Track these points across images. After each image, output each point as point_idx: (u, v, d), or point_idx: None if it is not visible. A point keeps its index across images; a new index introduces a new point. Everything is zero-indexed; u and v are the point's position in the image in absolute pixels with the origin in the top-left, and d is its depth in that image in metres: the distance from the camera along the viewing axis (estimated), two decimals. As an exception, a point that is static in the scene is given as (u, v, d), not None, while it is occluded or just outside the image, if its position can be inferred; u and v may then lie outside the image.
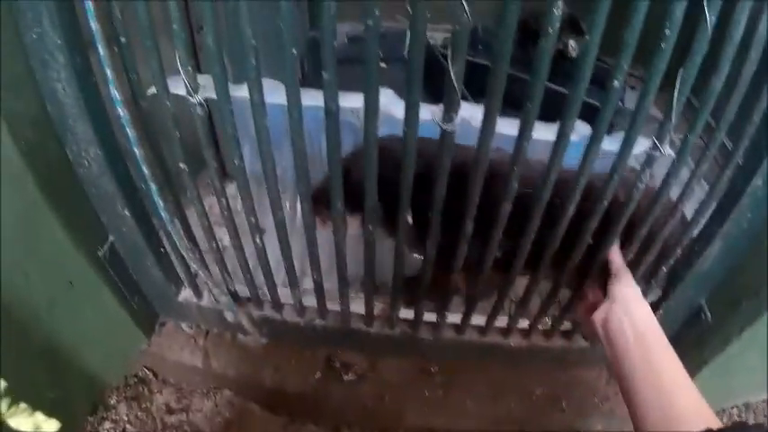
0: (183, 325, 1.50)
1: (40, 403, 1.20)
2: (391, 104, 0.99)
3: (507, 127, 0.90)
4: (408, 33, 0.75)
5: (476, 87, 0.83)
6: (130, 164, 1.04)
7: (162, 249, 1.25)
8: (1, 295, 1.07)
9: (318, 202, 1.03)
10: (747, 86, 0.79)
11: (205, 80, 0.86)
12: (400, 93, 0.78)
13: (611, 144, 0.92)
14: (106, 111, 1.00)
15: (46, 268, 1.15)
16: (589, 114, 0.86)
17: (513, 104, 0.82)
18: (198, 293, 1.38)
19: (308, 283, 1.28)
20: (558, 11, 0.69)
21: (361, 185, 0.95)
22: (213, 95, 0.86)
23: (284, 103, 0.84)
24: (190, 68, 0.83)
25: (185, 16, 0.80)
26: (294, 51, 0.78)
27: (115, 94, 0.88)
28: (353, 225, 1.08)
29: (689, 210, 1.04)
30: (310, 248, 1.10)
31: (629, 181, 0.94)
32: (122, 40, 0.85)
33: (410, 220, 1.03)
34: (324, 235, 1.10)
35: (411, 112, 0.82)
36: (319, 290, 1.25)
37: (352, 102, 0.96)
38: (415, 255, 1.17)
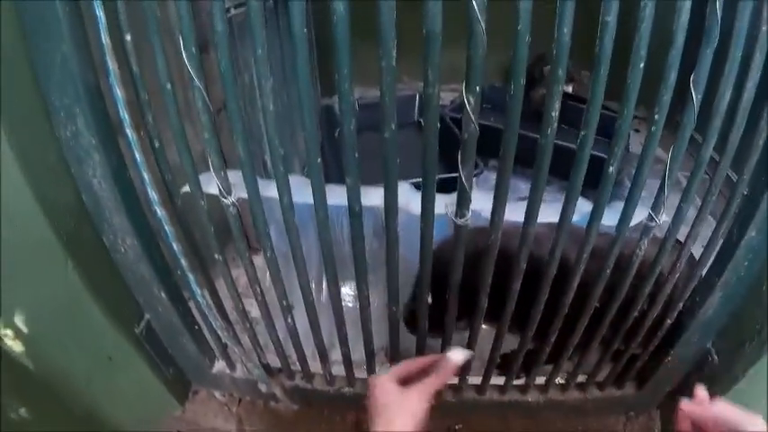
0: (217, 393, 1.54)
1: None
2: (410, 202, 1.04)
3: (516, 213, 0.95)
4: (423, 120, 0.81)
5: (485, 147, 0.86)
6: (166, 252, 1.10)
7: (196, 326, 1.31)
8: (43, 370, 1.13)
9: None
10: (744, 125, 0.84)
11: (235, 177, 0.92)
12: (411, 159, 0.83)
13: (609, 218, 0.97)
14: (140, 203, 1.06)
15: (85, 344, 1.21)
16: (595, 165, 0.88)
17: (520, 160, 0.85)
18: (231, 365, 1.43)
19: (336, 354, 1.32)
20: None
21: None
22: (245, 195, 0.92)
23: (311, 201, 0.90)
24: (222, 173, 0.89)
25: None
26: (319, 161, 0.84)
27: (152, 194, 0.94)
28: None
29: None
30: (338, 326, 1.16)
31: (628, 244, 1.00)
32: (156, 144, 0.93)
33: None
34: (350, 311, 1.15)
35: (427, 209, 0.89)
36: (347, 361, 1.30)
37: (373, 200, 1.02)
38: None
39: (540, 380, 1.39)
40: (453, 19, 0.77)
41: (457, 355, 0.95)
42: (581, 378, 1.39)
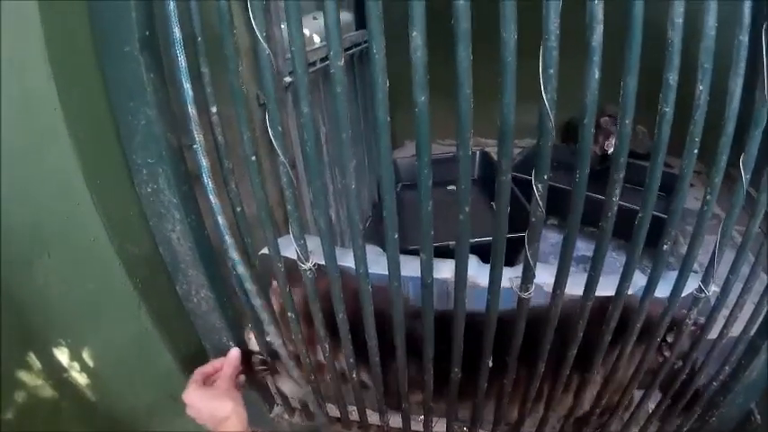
0: None
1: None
2: (477, 276, 1.09)
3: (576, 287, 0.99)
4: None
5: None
6: (246, 305, 1.14)
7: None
8: (107, 404, 1.19)
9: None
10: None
11: (312, 243, 0.97)
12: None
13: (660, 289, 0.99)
14: (216, 259, 1.12)
15: (151, 383, 1.27)
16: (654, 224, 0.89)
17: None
18: (290, 412, 1.47)
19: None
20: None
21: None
22: (322, 261, 0.97)
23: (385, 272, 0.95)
24: (302, 241, 0.94)
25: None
26: (396, 237, 0.89)
27: (233, 255, 1.00)
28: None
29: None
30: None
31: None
32: (238, 209, 0.99)
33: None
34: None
35: (494, 283, 0.94)
36: (406, 419, 1.32)
37: (443, 272, 1.07)
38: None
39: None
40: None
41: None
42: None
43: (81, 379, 1.26)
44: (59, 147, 0.90)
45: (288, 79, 1.52)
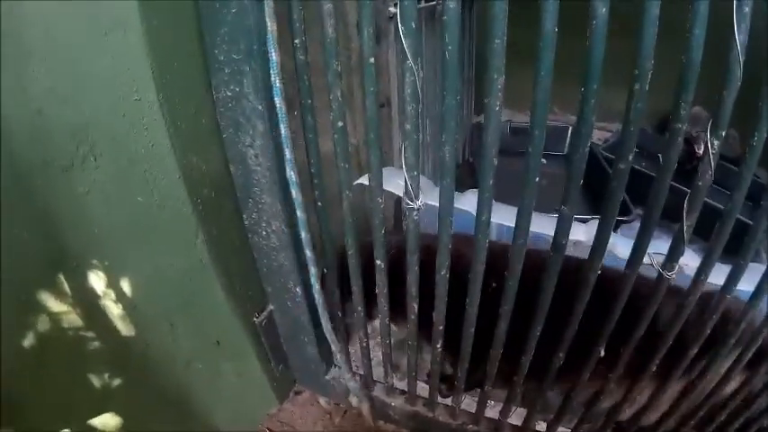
0: (322, 400, 1.44)
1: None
2: (615, 245, 0.93)
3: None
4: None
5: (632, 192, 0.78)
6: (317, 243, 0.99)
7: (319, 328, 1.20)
8: (141, 341, 1.07)
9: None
10: None
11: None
12: (555, 190, 0.74)
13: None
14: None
15: (195, 324, 1.14)
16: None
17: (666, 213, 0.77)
18: (351, 376, 1.29)
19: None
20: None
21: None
22: (433, 203, 0.80)
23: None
24: (415, 173, 0.76)
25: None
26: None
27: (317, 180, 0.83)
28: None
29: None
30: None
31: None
32: (340, 124, 0.80)
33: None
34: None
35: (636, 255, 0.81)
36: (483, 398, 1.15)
37: (578, 234, 0.91)
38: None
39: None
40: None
41: None
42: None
43: (115, 309, 1.12)
44: (126, 34, 0.75)
45: (392, 9, 1.36)
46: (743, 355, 0.90)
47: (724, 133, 0.66)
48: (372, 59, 0.71)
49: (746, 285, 0.84)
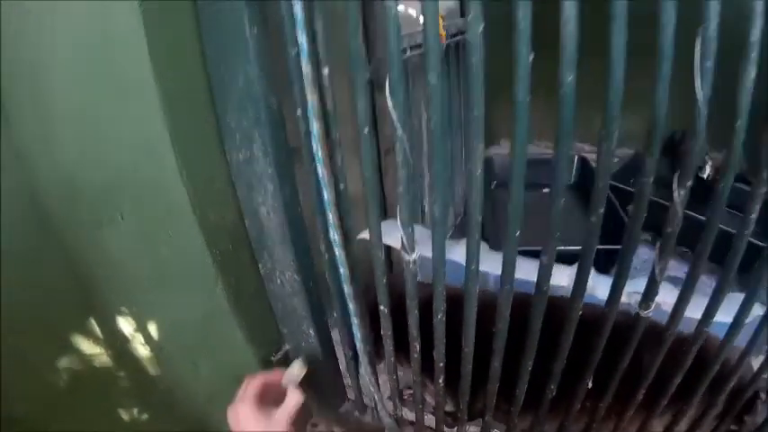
0: (336, 430, 1.50)
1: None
2: (596, 287, 0.99)
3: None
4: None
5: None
6: (333, 292, 1.05)
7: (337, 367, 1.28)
8: (167, 379, 1.11)
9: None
10: None
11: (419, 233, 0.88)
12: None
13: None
14: (307, 240, 1.03)
15: (216, 362, 1.20)
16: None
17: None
18: (362, 409, 1.37)
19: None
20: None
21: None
22: (428, 254, 0.87)
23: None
24: (410, 229, 0.84)
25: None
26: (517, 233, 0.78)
27: (334, 236, 0.91)
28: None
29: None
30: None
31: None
32: (341, 186, 0.88)
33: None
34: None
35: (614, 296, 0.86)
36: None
37: (561, 279, 0.97)
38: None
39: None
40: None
41: (293, 370, 1.08)
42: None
43: (143, 351, 1.21)
44: (144, 101, 0.81)
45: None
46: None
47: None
48: (367, 129, 0.76)
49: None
